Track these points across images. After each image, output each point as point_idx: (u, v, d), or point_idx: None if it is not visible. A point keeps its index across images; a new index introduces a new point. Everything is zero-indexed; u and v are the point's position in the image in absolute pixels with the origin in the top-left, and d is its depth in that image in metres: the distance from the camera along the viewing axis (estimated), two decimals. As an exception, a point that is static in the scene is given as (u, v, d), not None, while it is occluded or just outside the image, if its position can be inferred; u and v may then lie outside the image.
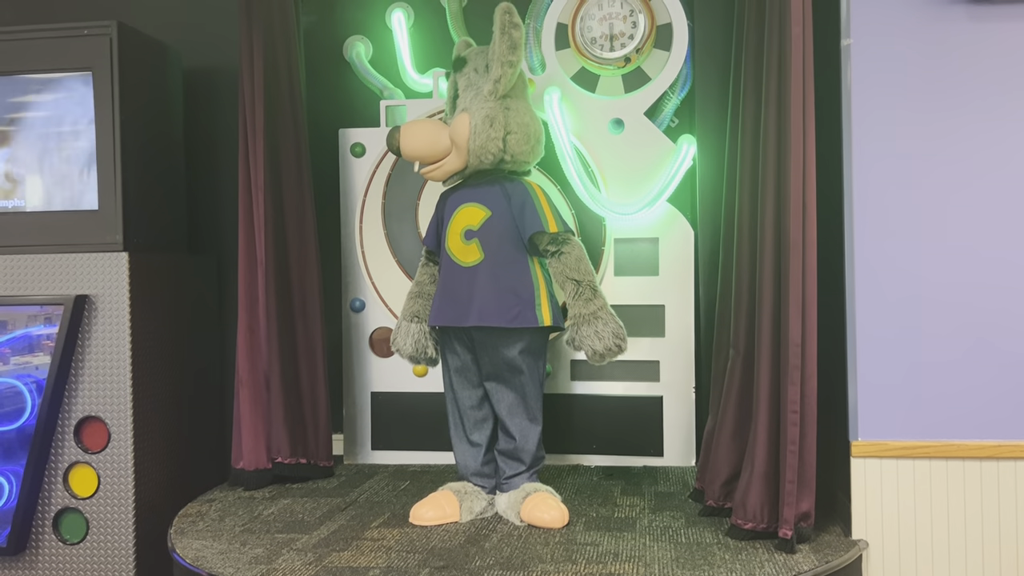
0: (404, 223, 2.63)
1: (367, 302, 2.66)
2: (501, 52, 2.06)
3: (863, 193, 1.89)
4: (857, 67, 1.89)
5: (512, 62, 2.06)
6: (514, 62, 2.06)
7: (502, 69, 2.06)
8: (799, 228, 1.82)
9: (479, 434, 2.18)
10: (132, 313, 2.34)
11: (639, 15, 2.44)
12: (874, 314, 1.89)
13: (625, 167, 2.51)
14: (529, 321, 2.05)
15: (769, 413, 1.89)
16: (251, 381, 2.38)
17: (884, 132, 1.89)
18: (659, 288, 2.50)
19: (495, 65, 2.08)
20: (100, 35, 2.37)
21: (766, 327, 1.91)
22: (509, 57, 2.05)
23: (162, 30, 2.66)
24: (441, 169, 2.14)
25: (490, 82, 2.09)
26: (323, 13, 2.78)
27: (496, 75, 2.07)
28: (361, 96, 2.72)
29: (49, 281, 2.36)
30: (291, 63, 2.47)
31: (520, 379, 2.11)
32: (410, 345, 2.23)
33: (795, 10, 1.86)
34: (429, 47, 2.72)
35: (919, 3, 1.86)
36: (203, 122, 2.84)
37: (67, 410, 2.35)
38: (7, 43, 2.42)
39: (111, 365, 2.33)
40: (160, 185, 2.58)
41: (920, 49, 1.87)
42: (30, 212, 2.43)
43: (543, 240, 2.10)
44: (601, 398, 2.54)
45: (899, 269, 1.88)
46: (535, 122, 2.15)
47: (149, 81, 2.53)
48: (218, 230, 2.83)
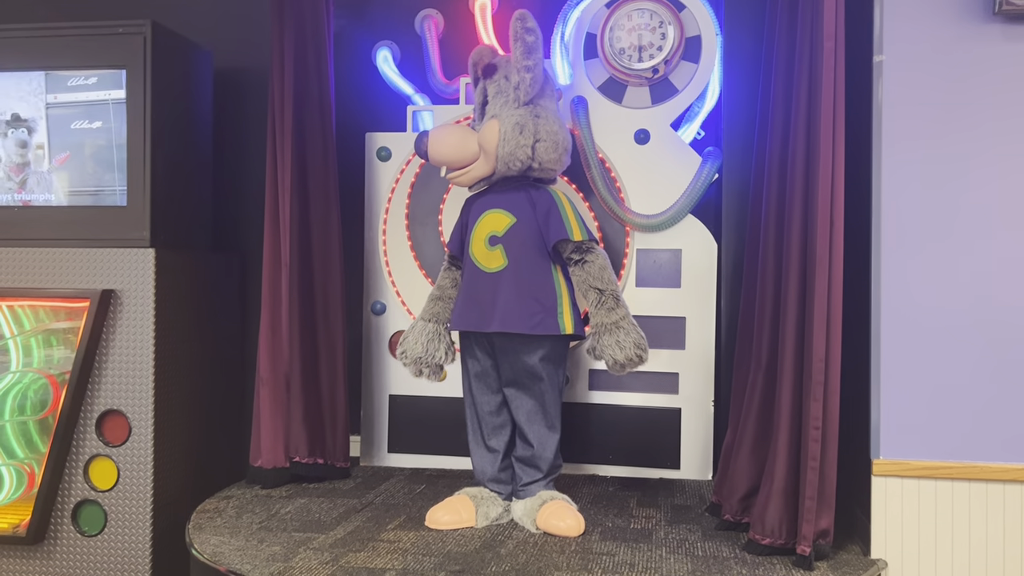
0: (427, 227, 2.64)
1: (388, 305, 2.67)
2: (517, 58, 2.08)
3: (891, 210, 1.88)
4: (889, 83, 1.88)
5: (529, 66, 2.08)
6: (531, 66, 2.08)
7: (520, 75, 2.08)
8: (826, 243, 1.81)
9: (497, 440, 2.18)
10: (156, 309, 2.36)
11: (668, 27, 2.45)
12: (899, 332, 1.87)
13: (650, 178, 2.51)
14: (551, 328, 2.06)
15: (790, 428, 1.88)
16: (272, 380, 2.40)
17: (915, 150, 1.88)
18: (681, 300, 2.50)
19: (513, 72, 2.10)
20: (135, 34, 2.41)
21: (790, 342, 1.90)
22: (525, 62, 2.07)
23: (195, 30, 2.69)
24: (468, 175, 2.15)
25: (512, 89, 2.10)
26: (354, 17, 2.80)
27: (515, 81, 2.09)
28: (389, 100, 2.74)
29: (76, 275, 2.39)
30: (321, 66, 2.49)
31: (540, 386, 2.11)
32: (421, 345, 2.21)
33: (827, 24, 1.86)
34: (457, 53, 2.73)
35: (953, 21, 1.85)
36: (232, 122, 2.87)
37: (89, 403, 2.37)
38: (43, 40, 2.46)
39: (134, 359, 2.36)
40: (188, 183, 2.60)
41: (953, 67, 1.86)
42: (59, 207, 2.47)
43: (567, 248, 2.10)
44: (619, 408, 2.53)
45: (925, 288, 1.87)
46: (563, 131, 2.15)
47: (181, 80, 2.56)
48: (243, 229, 2.86)
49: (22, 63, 2.47)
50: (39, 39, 2.46)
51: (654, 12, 2.46)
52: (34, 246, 2.43)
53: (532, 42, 2.08)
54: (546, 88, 2.16)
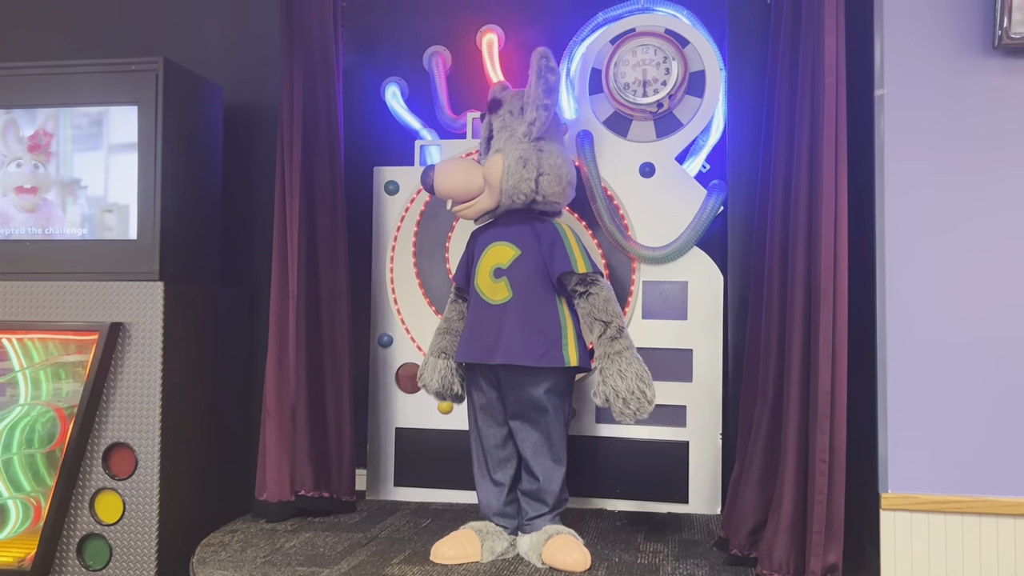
0: (434, 260, 2.66)
1: (395, 338, 2.68)
2: (537, 95, 2.09)
3: (895, 243, 1.88)
4: (891, 117, 1.89)
5: (547, 105, 2.09)
6: (549, 105, 2.10)
7: (537, 112, 2.10)
8: (830, 276, 1.81)
9: (502, 473, 2.17)
10: (165, 342, 2.38)
11: (672, 62, 2.48)
12: (906, 365, 1.86)
13: (655, 210, 2.52)
14: (556, 361, 2.06)
15: (797, 462, 1.87)
16: (278, 413, 2.40)
17: (917, 182, 1.88)
18: (687, 332, 2.50)
19: (530, 108, 2.11)
20: (147, 71, 2.45)
21: (795, 375, 1.89)
22: (544, 100, 2.09)
23: (207, 66, 2.74)
24: (473, 207, 2.17)
25: (524, 124, 2.12)
26: (363, 54, 2.85)
27: (531, 117, 2.10)
28: (397, 135, 2.77)
29: (86, 308, 2.41)
30: (330, 101, 2.52)
31: (545, 419, 2.10)
32: (436, 381, 2.25)
33: (828, 59, 1.88)
34: (465, 89, 2.77)
35: (953, 55, 1.86)
36: (242, 156, 2.90)
37: (96, 436, 2.38)
38: (58, 76, 2.51)
39: (142, 393, 2.36)
40: (197, 217, 2.63)
41: (955, 100, 1.87)
42: (70, 240, 2.49)
43: (571, 280, 2.11)
44: (626, 441, 2.52)
45: (931, 320, 1.86)
46: (567, 164, 2.17)
47: (192, 116, 2.60)
48: (251, 262, 2.88)
49: (37, 99, 2.52)
50: (53, 76, 2.51)
51: (658, 48, 2.49)
52: (45, 279, 2.45)
53: (553, 82, 2.10)
54: (552, 123, 2.19)
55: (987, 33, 1.84)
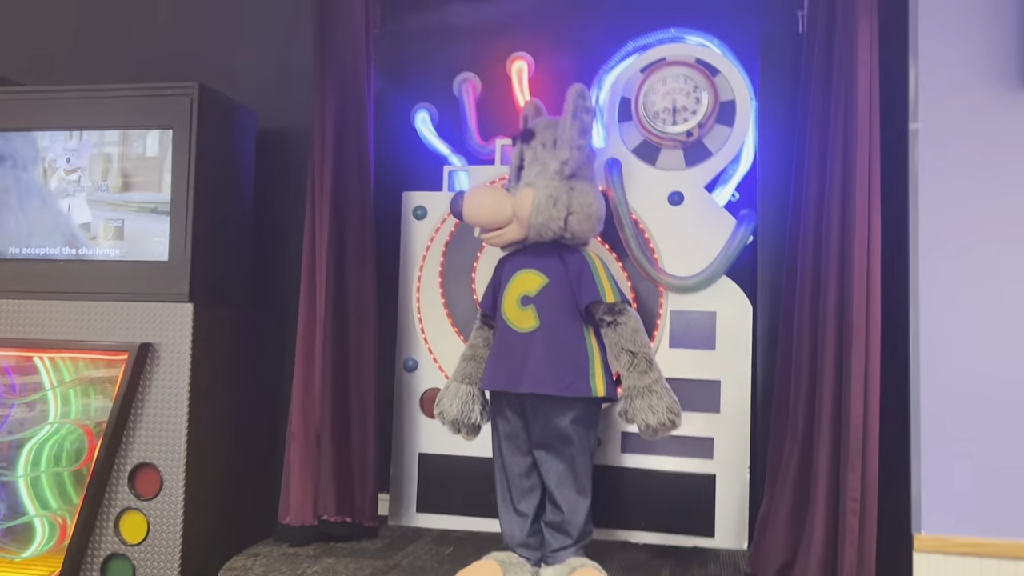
0: (461, 286, 2.66)
1: (420, 362, 2.68)
2: (571, 136, 2.08)
3: (929, 279, 1.86)
4: (925, 152, 1.88)
5: (581, 146, 2.08)
6: (583, 146, 2.09)
7: (570, 152, 2.08)
8: (863, 310, 1.79)
9: (526, 503, 2.15)
10: (193, 363, 2.39)
11: (702, 91, 2.47)
12: (940, 403, 1.83)
13: (684, 239, 2.50)
14: (582, 391, 2.04)
15: (828, 500, 1.84)
16: (303, 437, 2.40)
17: (952, 218, 1.86)
18: (715, 362, 2.47)
19: (563, 147, 2.10)
20: (182, 95, 2.49)
21: (826, 410, 1.86)
22: (578, 141, 2.08)
23: (239, 91, 2.77)
24: (501, 237, 2.17)
25: (556, 162, 2.11)
26: (394, 80, 2.87)
27: (564, 157, 2.09)
28: (426, 161, 2.78)
29: (116, 328, 2.44)
30: (361, 127, 2.54)
31: (570, 449, 2.08)
32: (456, 407, 2.22)
33: (862, 93, 1.87)
34: (494, 115, 2.78)
35: (988, 91, 1.85)
36: (273, 179, 2.93)
37: (123, 456, 2.39)
38: (96, 100, 2.56)
39: (169, 413, 2.38)
40: (228, 240, 2.66)
41: (990, 135, 1.85)
42: (103, 261, 2.53)
43: (599, 309, 2.10)
44: (652, 473, 2.48)
45: (966, 358, 1.83)
46: (597, 201, 2.16)
47: (225, 140, 2.64)
48: (280, 284, 2.89)
49: (76, 122, 2.57)
50: (92, 100, 2.56)
51: (689, 77, 2.49)
52: (76, 299, 2.48)
53: (588, 122, 2.09)
54: (585, 157, 2.17)
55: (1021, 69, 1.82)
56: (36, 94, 2.63)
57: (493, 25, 2.85)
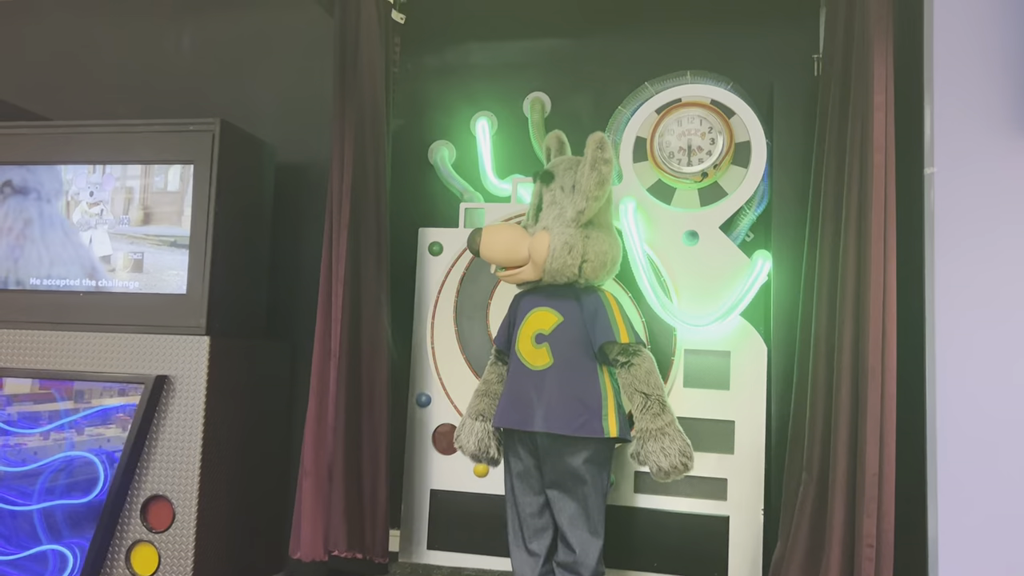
0: (475, 322, 2.66)
1: (433, 397, 2.67)
2: (588, 187, 2.08)
3: (945, 325, 1.85)
4: (940, 195, 1.88)
5: (598, 196, 2.09)
6: (600, 196, 2.10)
7: (587, 203, 2.09)
8: (878, 354, 1.78)
9: (538, 543, 2.13)
10: (208, 396, 2.40)
11: (718, 133, 2.49)
12: (956, 450, 1.81)
13: (698, 279, 2.50)
14: (595, 431, 2.03)
15: (843, 545, 1.82)
16: (315, 471, 2.40)
17: (968, 263, 1.85)
18: (729, 403, 2.45)
19: (580, 197, 2.10)
20: (204, 131, 2.53)
21: (842, 454, 1.85)
22: (596, 192, 2.09)
23: (258, 125, 2.81)
24: (517, 276, 2.18)
25: (574, 209, 2.12)
26: (411, 118, 2.91)
27: (581, 207, 2.10)
28: (442, 197, 2.81)
29: (133, 360, 2.46)
30: (379, 164, 2.57)
31: (583, 489, 2.07)
32: (473, 443, 2.23)
33: (877, 136, 1.88)
34: (510, 154, 2.81)
35: (1004, 135, 1.85)
36: (290, 213, 2.96)
37: (136, 488, 2.40)
38: (120, 135, 2.60)
39: (182, 446, 2.39)
40: (245, 273, 2.68)
41: (1006, 180, 1.85)
42: (122, 293, 2.56)
43: (613, 350, 2.10)
44: (665, 513, 2.46)
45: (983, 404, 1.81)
46: (613, 248, 2.17)
47: (244, 174, 2.68)
48: (296, 318, 2.91)
49: (100, 157, 2.61)
50: (116, 135, 2.61)
51: (704, 118, 2.51)
52: (96, 330, 2.51)
53: (607, 173, 2.09)
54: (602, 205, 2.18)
55: (1040, 114, 1.83)
56: (62, 129, 2.69)
57: (511, 64, 2.90)
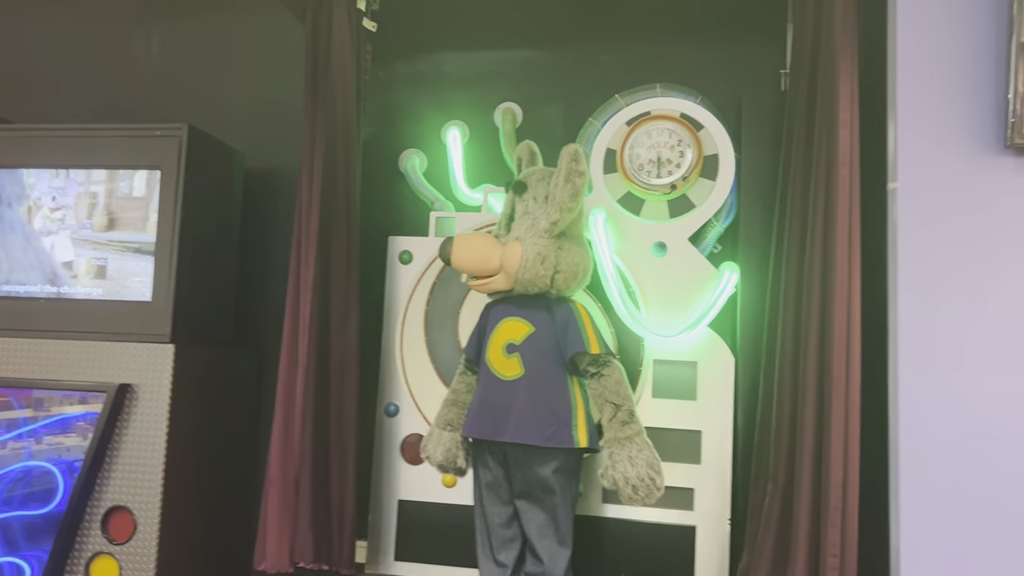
0: (445, 331, 2.66)
1: (402, 407, 2.66)
2: (562, 199, 2.09)
3: (908, 336, 1.88)
4: (903, 210, 1.92)
5: (572, 208, 2.10)
6: (573, 208, 2.10)
7: (560, 214, 2.10)
8: (843, 366, 1.81)
9: (506, 554, 2.13)
10: (172, 405, 2.37)
11: (686, 146, 2.52)
12: (919, 459, 1.84)
13: (667, 290, 2.52)
14: (565, 441, 2.04)
15: (808, 555, 1.84)
16: (281, 482, 2.37)
17: (930, 274, 1.89)
18: (696, 413, 2.47)
19: (554, 209, 2.11)
20: (171, 136, 2.50)
21: (807, 464, 1.87)
22: (569, 204, 2.09)
23: (226, 131, 2.78)
24: (488, 286, 2.18)
25: (547, 220, 2.13)
26: (382, 126, 2.91)
27: (554, 218, 2.11)
28: (413, 206, 2.81)
29: (96, 368, 2.41)
30: (349, 172, 2.56)
31: (552, 499, 2.07)
32: (440, 453, 2.22)
33: (843, 151, 1.91)
34: (481, 163, 2.81)
35: (966, 153, 1.90)
36: (258, 220, 2.94)
37: (97, 498, 2.35)
38: (86, 139, 2.56)
39: (145, 456, 2.35)
40: (212, 280, 2.65)
41: (967, 197, 1.90)
42: (85, 300, 2.51)
43: (584, 360, 2.11)
44: (632, 523, 2.47)
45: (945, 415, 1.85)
46: (585, 260, 2.18)
47: (212, 180, 2.65)
48: (262, 325, 2.88)
49: (65, 161, 2.57)
50: (82, 139, 2.57)
51: (673, 131, 2.53)
52: (57, 337, 2.46)
53: (580, 185, 2.10)
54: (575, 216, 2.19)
55: (999, 132, 1.88)
56: (24, 132, 2.64)
57: (482, 74, 2.91)
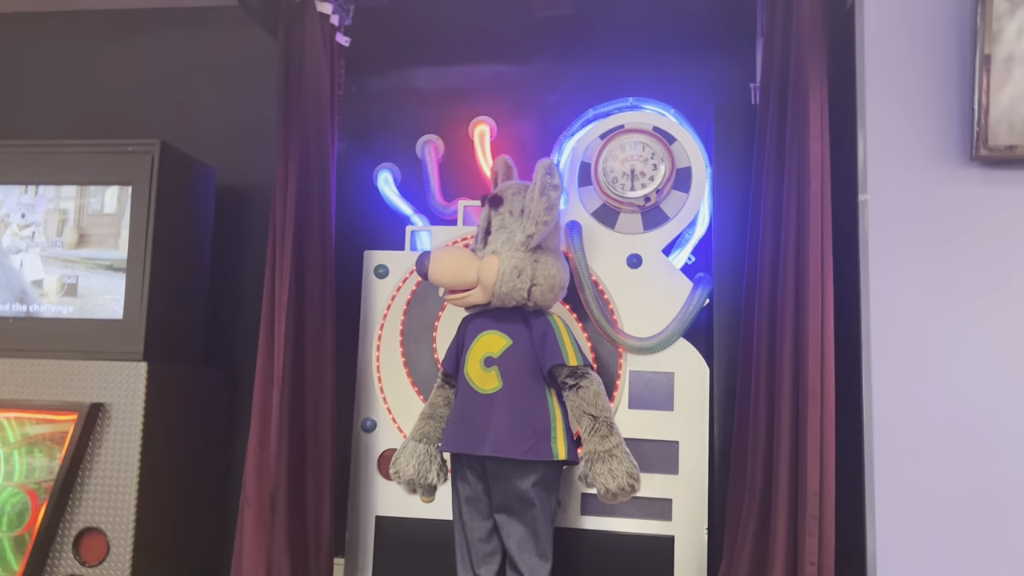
0: (421, 345, 2.65)
1: (379, 422, 2.65)
2: (537, 212, 2.10)
3: (881, 344, 1.91)
4: (874, 222, 1.95)
5: (547, 221, 2.11)
6: (549, 221, 2.11)
7: (536, 227, 2.11)
8: (817, 376, 1.84)
9: (486, 568, 2.12)
10: (145, 424, 2.34)
11: (659, 160, 2.54)
12: (893, 465, 1.87)
13: (642, 301, 2.54)
14: (544, 454, 2.04)
15: (786, 563, 1.85)
16: (257, 500, 2.34)
17: (901, 284, 1.93)
18: (674, 423, 2.49)
19: (529, 222, 2.12)
20: (143, 152, 2.49)
21: (784, 473, 1.89)
22: (544, 217, 2.10)
23: (198, 147, 2.77)
24: (465, 300, 2.18)
25: (523, 234, 2.13)
26: (357, 140, 2.90)
27: (530, 231, 2.11)
28: (388, 220, 2.80)
29: (67, 387, 2.38)
30: (323, 187, 2.54)
31: (532, 513, 2.07)
32: (413, 467, 2.20)
33: (814, 164, 1.94)
34: (456, 176, 2.82)
35: (934, 165, 1.94)
36: (232, 236, 2.92)
37: (68, 520, 2.31)
38: (56, 155, 2.53)
39: (118, 476, 2.32)
40: (184, 298, 2.63)
41: (935, 208, 1.93)
42: (55, 318, 2.47)
43: (562, 373, 2.11)
44: (611, 535, 2.47)
45: (919, 419, 1.88)
46: (562, 273, 2.19)
47: (184, 197, 2.63)
48: (235, 342, 2.86)
49: (35, 178, 2.53)
50: (52, 155, 2.54)
51: (646, 144, 2.56)
52: (27, 357, 2.42)
53: (556, 198, 2.11)
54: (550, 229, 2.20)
55: (965, 145, 1.92)
56: (-7, 148, 2.60)
57: (456, 89, 2.92)
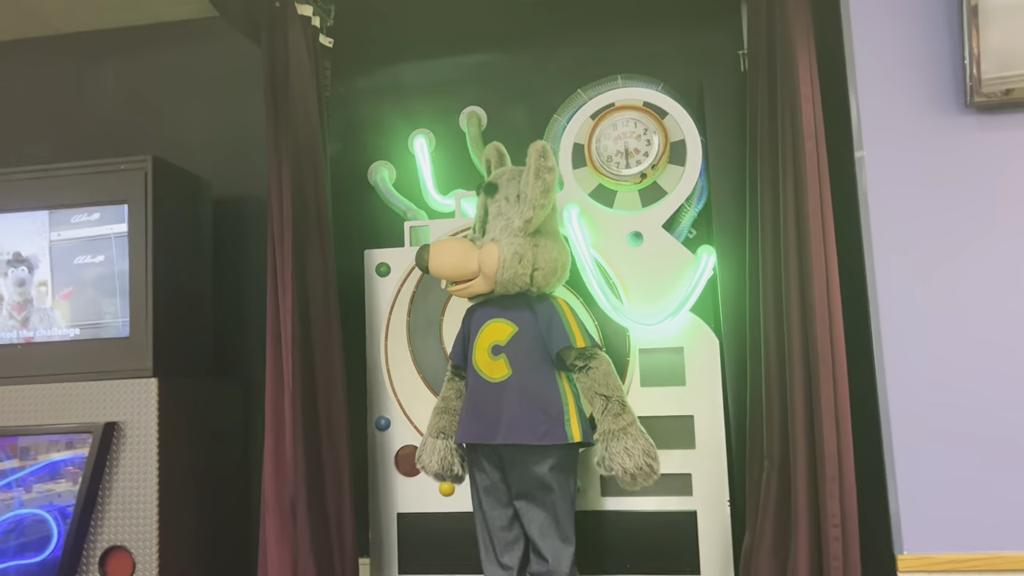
0: (429, 339, 2.65)
1: (392, 420, 2.64)
2: (534, 196, 2.09)
3: (888, 300, 1.90)
4: (872, 177, 1.93)
5: (544, 204, 2.09)
6: (546, 204, 2.10)
7: (534, 211, 2.09)
8: (826, 337, 1.82)
9: (510, 556, 2.12)
10: (160, 440, 2.34)
11: (652, 134, 2.52)
12: (909, 421, 1.86)
13: (646, 278, 2.53)
14: (558, 438, 2.04)
15: (809, 527, 1.84)
16: (277, 507, 2.34)
17: (904, 237, 1.91)
18: (687, 398, 2.48)
19: (527, 207, 2.10)
20: (136, 169, 2.48)
21: (800, 438, 1.88)
22: (541, 200, 2.09)
23: (191, 160, 2.76)
24: (468, 290, 2.17)
25: (520, 219, 2.12)
26: (348, 141, 2.90)
27: (528, 216, 2.10)
28: (386, 218, 2.80)
29: (79, 409, 2.38)
30: (318, 191, 2.54)
31: (551, 497, 2.07)
32: (436, 462, 2.21)
33: (807, 126, 1.93)
34: (450, 169, 2.81)
35: (928, 114, 1.91)
36: (231, 248, 2.92)
37: (92, 540, 2.32)
38: (47, 180, 2.53)
39: (138, 493, 2.32)
40: (189, 312, 2.63)
41: (933, 158, 1.91)
42: (62, 341, 2.48)
43: (570, 355, 2.11)
44: (633, 514, 2.47)
45: (929, 373, 1.86)
46: (563, 255, 2.18)
47: (181, 211, 2.63)
48: (245, 354, 2.86)
49: (27, 203, 2.54)
50: (43, 179, 2.54)
51: (638, 120, 2.54)
52: (37, 382, 2.43)
53: (551, 181, 2.09)
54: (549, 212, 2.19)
55: (959, 92, 1.90)
56: (-11, 176, 2.61)
57: (443, 81, 2.91)
